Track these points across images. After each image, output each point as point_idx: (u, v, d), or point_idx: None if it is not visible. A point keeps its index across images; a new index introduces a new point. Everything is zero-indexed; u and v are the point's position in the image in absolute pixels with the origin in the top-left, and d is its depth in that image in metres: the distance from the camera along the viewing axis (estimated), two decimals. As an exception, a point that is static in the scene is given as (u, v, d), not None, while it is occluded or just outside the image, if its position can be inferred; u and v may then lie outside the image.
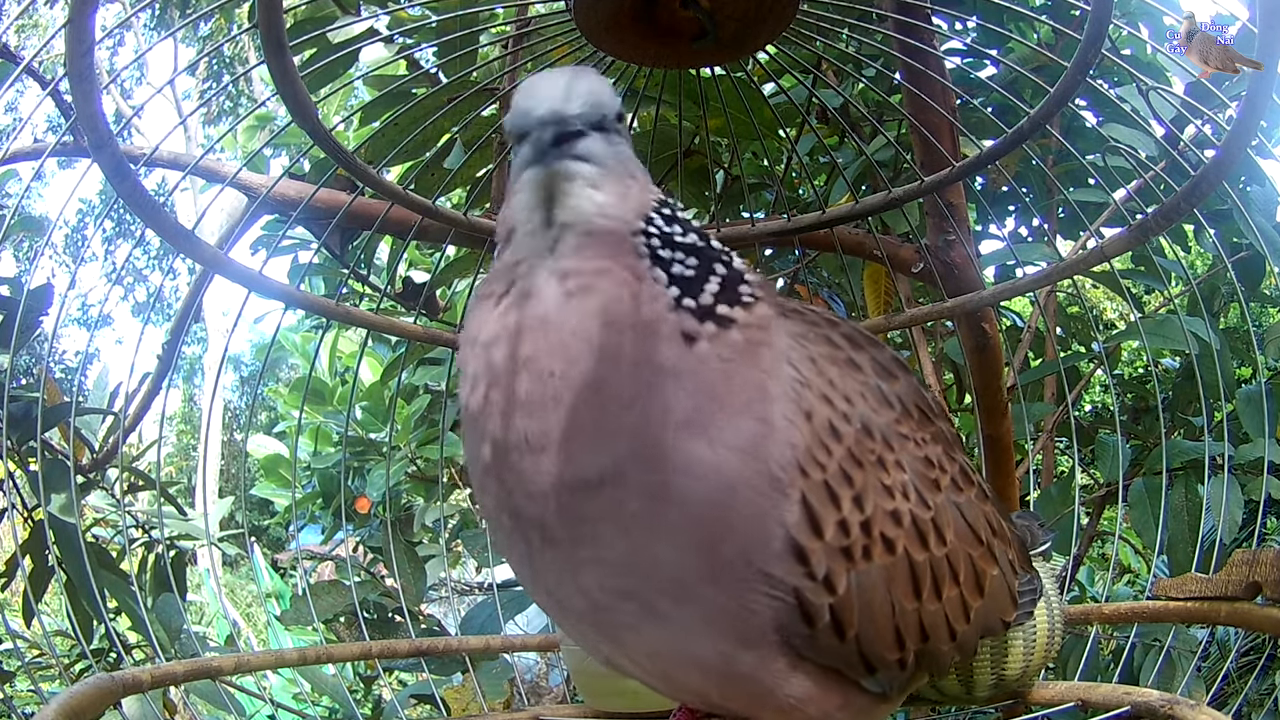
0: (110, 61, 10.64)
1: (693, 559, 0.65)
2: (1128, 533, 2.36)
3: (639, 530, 0.65)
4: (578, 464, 0.64)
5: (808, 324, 0.74)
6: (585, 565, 0.67)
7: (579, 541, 0.66)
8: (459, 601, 2.93)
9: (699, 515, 0.64)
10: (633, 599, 0.67)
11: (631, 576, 0.66)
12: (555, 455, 0.64)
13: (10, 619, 2.43)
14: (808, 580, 0.66)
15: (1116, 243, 1.34)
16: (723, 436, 0.64)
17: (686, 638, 0.68)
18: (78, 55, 0.93)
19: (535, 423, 0.64)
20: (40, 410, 1.50)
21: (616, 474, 0.64)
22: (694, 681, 0.72)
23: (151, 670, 1.14)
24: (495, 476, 0.68)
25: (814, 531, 0.66)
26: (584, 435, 0.63)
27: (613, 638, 0.72)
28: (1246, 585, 1.17)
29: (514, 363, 0.65)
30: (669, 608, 0.66)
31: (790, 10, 1.20)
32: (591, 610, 0.70)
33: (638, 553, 0.65)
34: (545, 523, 0.67)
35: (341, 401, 3.61)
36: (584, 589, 0.68)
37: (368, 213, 1.75)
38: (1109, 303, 4.67)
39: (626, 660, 0.74)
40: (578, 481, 0.64)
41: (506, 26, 1.75)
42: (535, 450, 0.65)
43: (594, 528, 0.66)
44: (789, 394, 0.67)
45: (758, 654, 0.68)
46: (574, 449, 0.64)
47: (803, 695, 0.70)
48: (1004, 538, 0.85)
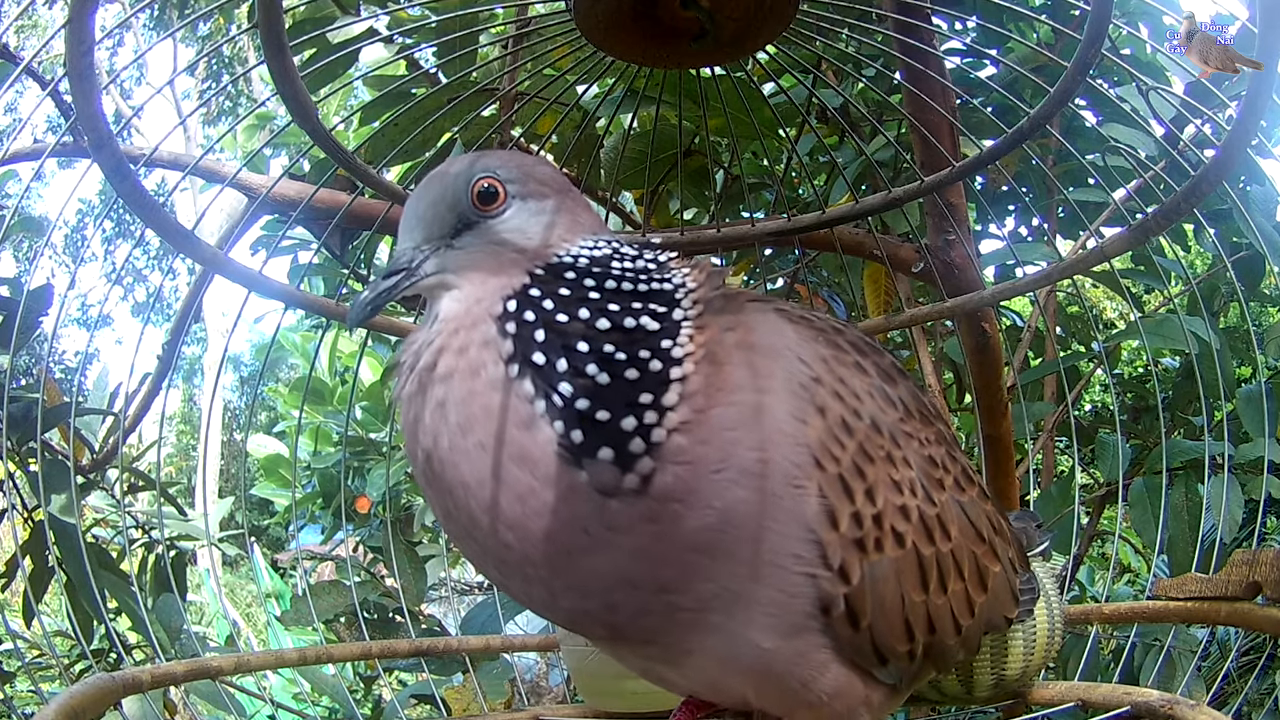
0: (110, 61, 10.64)
1: (732, 577, 0.65)
2: (1128, 532, 2.36)
3: (674, 590, 0.65)
4: (571, 599, 0.66)
5: (815, 329, 0.75)
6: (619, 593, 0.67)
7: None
8: (459, 601, 2.93)
9: (729, 549, 0.64)
10: (679, 614, 0.67)
11: (676, 595, 0.66)
12: (542, 585, 0.66)
13: (10, 619, 2.43)
14: (825, 570, 0.67)
15: (1116, 243, 1.33)
16: (731, 488, 0.63)
17: (732, 640, 0.68)
18: (78, 55, 0.93)
19: (494, 550, 0.65)
20: (40, 410, 1.50)
21: (620, 604, 0.65)
22: (736, 683, 0.73)
23: (151, 670, 1.14)
24: (485, 567, 0.70)
25: (830, 523, 0.67)
26: (548, 579, 0.65)
27: (660, 652, 0.72)
28: (1246, 585, 1.17)
29: (432, 469, 0.66)
30: (718, 619, 0.67)
31: (790, 10, 1.19)
32: (632, 629, 0.69)
33: (678, 590, 0.65)
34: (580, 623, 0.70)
35: (341, 401, 3.61)
36: (618, 625, 0.69)
37: (368, 213, 1.75)
38: (1109, 302, 4.67)
39: (670, 670, 0.75)
40: (584, 613, 0.67)
41: (506, 26, 1.75)
42: (518, 577, 0.67)
43: (629, 622, 0.67)
44: (797, 391, 0.68)
45: (800, 645, 0.69)
46: (553, 586, 0.65)
47: (833, 690, 0.71)
48: (1005, 537, 0.87)
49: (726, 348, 0.66)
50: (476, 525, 0.64)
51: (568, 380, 0.61)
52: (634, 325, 0.64)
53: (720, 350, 0.66)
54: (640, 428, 0.61)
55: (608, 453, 0.60)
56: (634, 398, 0.61)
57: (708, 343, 0.65)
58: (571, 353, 0.62)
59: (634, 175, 1.96)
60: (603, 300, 0.66)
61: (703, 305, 0.68)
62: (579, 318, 0.64)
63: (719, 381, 0.64)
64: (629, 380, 0.62)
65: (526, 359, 0.63)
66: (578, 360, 0.62)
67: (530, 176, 0.74)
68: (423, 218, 0.72)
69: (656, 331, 0.65)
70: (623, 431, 0.61)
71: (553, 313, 0.64)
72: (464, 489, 0.63)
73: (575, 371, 0.62)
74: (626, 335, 0.64)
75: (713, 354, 0.65)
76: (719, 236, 1.58)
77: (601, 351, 0.62)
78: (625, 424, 0.61)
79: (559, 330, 0.63)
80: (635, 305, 0.66)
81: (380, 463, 3.33)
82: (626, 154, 1.83)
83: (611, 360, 0.62)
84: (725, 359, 0.65)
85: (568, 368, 0.62)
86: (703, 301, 0.68)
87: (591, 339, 0.63)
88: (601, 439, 0.61)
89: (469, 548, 0.68)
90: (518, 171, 0.73)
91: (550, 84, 1.67)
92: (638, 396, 0.61)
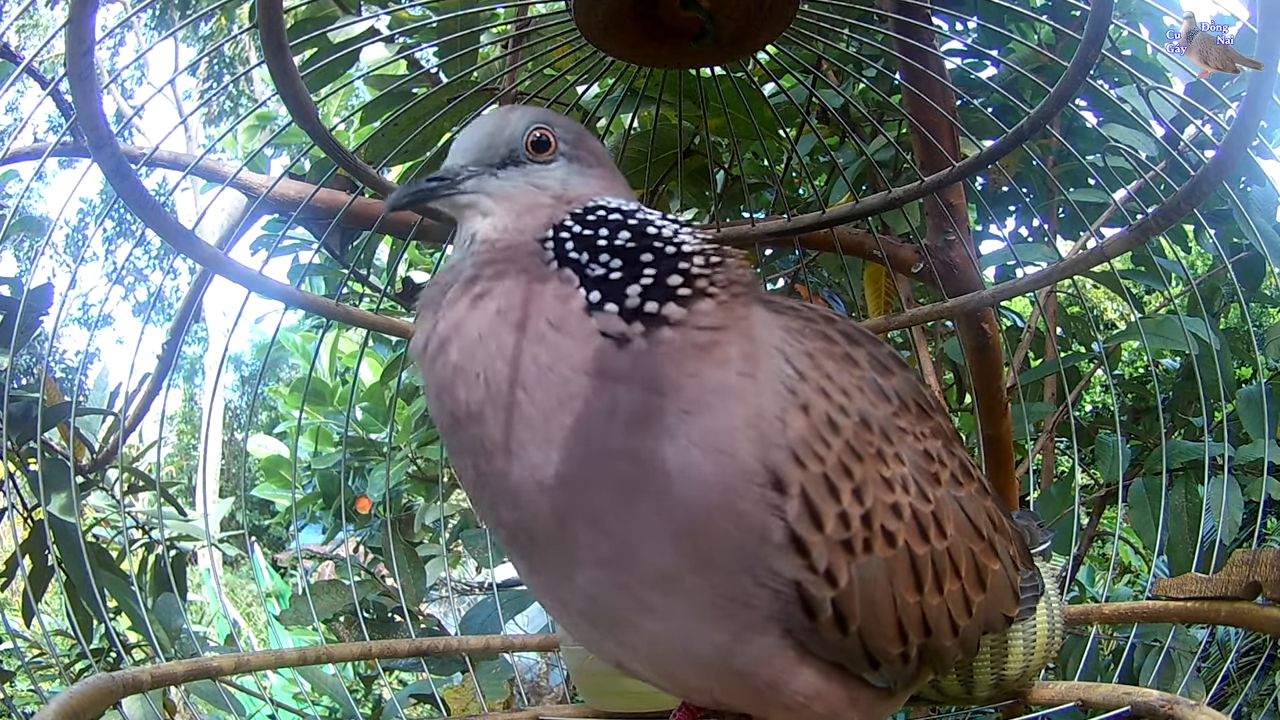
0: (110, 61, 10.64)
1: (673, 551, 0.65)
2: (1128, 533, 2.36)
3: (615, 525, 0.66)
4: (532, 466, 0.66)
5: (804, 320, 0.74)
6: (577, 563, 0.68)
7: (564, 541, 0.67)
8: (459, 601, 2.93)
9: (671, 510, 0.64)
10: (624, 592, 0.68)
11: (619, 571, 0.67)
12: (512, 458, 0.67)
13: (10, 619, 2.43)
14: (809, 573, 0.66)
15: (1116, 243, 1.33)
16: (689, 435, 0.64)
17: (680, 631, 0.68)
18: (78, 55, 0.93)
19: (486, 428, 0.67)
20: (40, 410, 1.50)
21: (574, 474, 0.65)
22: (693, 678, 0.72)
23: (151, 670, 1.14)
24: (476, 485, 0.70)
25: (814, 524, 0.66)
26: (527, 437, 0.66)
27: (612, 634, 0.72)
28: (1246, 585, 1.18)
29: (450, 371, 0.69)
30: (658, 600, 0.67)
31: (790, 10, 1.20)
32: (590, 607, 0.70)
33: (619, 547, 0.66)
34: (529, 525, 0.68)
35: (342, 402, 3.61)
36: (579, 586, 0.69)
37: (368, 213, 1.75)
38: (1109, 303, 4.67)
39: (629, 657, 0.75)
40: (537, 484, 0.66)
41: (506, 26, 1.75)
42: (497, 454, 0.67)
43: (572, 527, 0.67)
44: (779, 390, 0.67)
45: (758, 648, 0.68)
46: (523, 451, 0.66)
47: (810, 691, 0.70)
48: (1005, 533, 0.85)
49: (735, 316, 0.70)
50: (491, 390, 0.67)
51: (597, 263, 0.71)
52: (655, 232, 0.74)
53: (731, 316, 0.70)
54: (646, 290, 0.69)
55: (614, 306, 0.68)
56: (642, 271, 0.70)
57: (727, 292, 0.71)
58: (601, 250, 0.72)
59: (634, 175, 1.96)
60: (626, 226, 0.74)
61: (723, 271, 0.73)
62: (605, 235, 0.73)
63: (721, 337, 0.68)
64: (644, 261, 0.71)
65: (563, 256, 0.72)
66: (606, 254, 0.72)
67: (583, 144, 0.81)
68: (476, 144, 0.79)
69: (671, 238, 0.74)
70: (635, 292, 0.69)
71: (586, 232, 0.73)
72: (485, 357, 0.67)
73: (604, 258, 0.71)
74: (645, 235, 0.73)
75: (729, 308, 0.70)
76: (719, 236, 1.58)
77: (625, 247, 0.72)
78: (643, 281, 0.69)
79: (591, 241, 0.73)
80: (653, 230, 0.74)
81: (381, 463, 3.33)
82: (626, 154, 1.84)
83: (631, 250, 0.72)
84: (732, 324, 0.69)
85: (598, 256, 0.72)
86: (723, 269, 0.73)
87: (618, 243, 0.73)
88: (615, 296, 0.69)
89: (467, 431, 0.69)
90: (574, 135, 0.81)
91: (550, 84, 1.67)
92: (644, 270, 0.71)
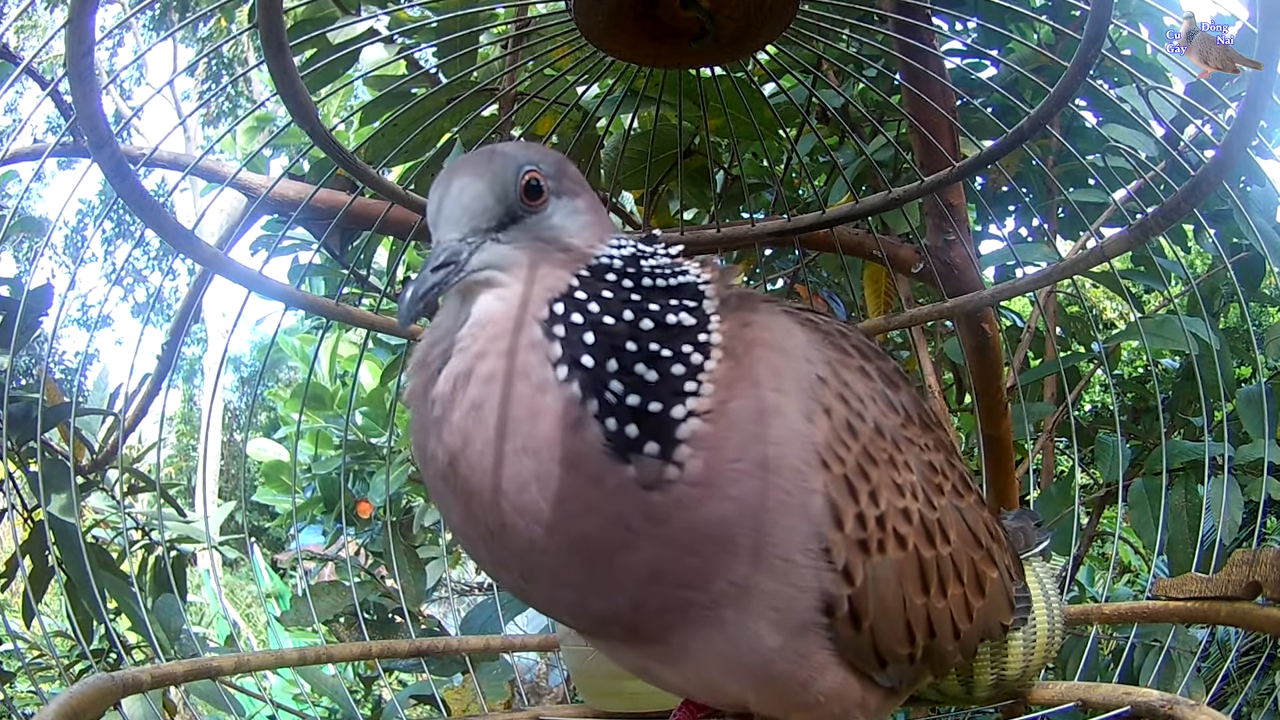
0: (110, 62, 10.65)
1: (749, 565, 0.65)
2: (1127, 532, 2.36)
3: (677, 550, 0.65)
4: (580, 590, 0.66)
5: (821, 332, 0.75)
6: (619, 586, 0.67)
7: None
8: (459, 602, 2.93)
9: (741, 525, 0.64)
10: (693, 609, 0.67)
11: (689, 591, 0.66)
12: (546, 581, 0.66)
13: (10, 619, 2.42)
14: (829, 571, 0.67)
15: (1116, 243, 1.33)
16: (758, 552, 0.65)
17: (740, 636, 0.68)
18: (78, 55, 0.93)
19: (509, 566, 0.66)
20: (40, 411, 1.50)
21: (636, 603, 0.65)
22: (735, 686, 0.73)
23: (151, 670, 1.14)
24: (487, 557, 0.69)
25: (835, 523, 0.67)
26: (558, 577, 0.65)
27: (662, 658, 0.72)
28: (1246, 585, 1.17)
29: (464, 496, 0.65)
30: (732, 614, 0.67)
31: (790, 10, 1.20)
32: (650, 632, 0.69)
33: (693, 575, 0.65)
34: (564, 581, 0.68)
35: (341, 406, 3.61)
36: (640, 613, 0.68)
37: (368, 213, 1.75)
38: (1109, 303, 4.67)
39: (668, 670, 0.75)
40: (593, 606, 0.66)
41: (506, 26, 1.75)
42: (518, 574, 0.67)
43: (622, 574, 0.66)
44: (808, 392, 0.69)
45: (803, 645, 0.69)
46: (557, 578, 0.65)
47: (831, 691, 0.71)
48: (1001, 544, 0.88)
49: (744, 343, 0.68)
50: (507, 530, 0.63)
51: (618, 379, 0.62)
52: (675, 322, 0.66)
53: (738, 345, 0.67)
54: (686, 416, 0.63)
55: (654, 446, 0.62)
56: (679, 387, 0.63)
57: (727, 336, 0.67)
58: (621, 353, 0.63)
59: (634, 175, 1.96)
60: (643, 300, 0.67)
61: (720, 301, 0.70)
62: (624, 319, 0.65)
63: (738, 374, 0.66)
64: (675, 375, 0.63)
65: (575, 361, 0.63)
66: (627, 360, 0.63)
67: (564, 174, 0.74)
68: (468, 208, 0.68)
69: (692, 326, 0.66)
70: (671, 421, 0.62)
71: (600, 315, 0.65)
72: (494, 493, 0.62)
73: (625, 370, 0.63)
74: (668, 332, 0.65)
75: (731, 348, 0.67)
76: (719, 237, 1.58)
77: (648, 350, 0.64)
78: (675, 412, 0.62)
79: (607, 332, 0.64)
80: (672, 302, 0.67)
81: (381, 467, 3.33)
82: (626, 154, 1.83)
83: (658, 357, 0.64)
84: (743, 354, 0.67)
85: (618, 368, 0.63)
86: (720, 297, 0.70)
87: (638, 338, 0.64)
88: (650, 433, 0.62)
89: (488, 552, 0.66)
90: (556, 168, 0.73)
91: (550, 84, 1.67)
92: (683, 386, 0.63)
